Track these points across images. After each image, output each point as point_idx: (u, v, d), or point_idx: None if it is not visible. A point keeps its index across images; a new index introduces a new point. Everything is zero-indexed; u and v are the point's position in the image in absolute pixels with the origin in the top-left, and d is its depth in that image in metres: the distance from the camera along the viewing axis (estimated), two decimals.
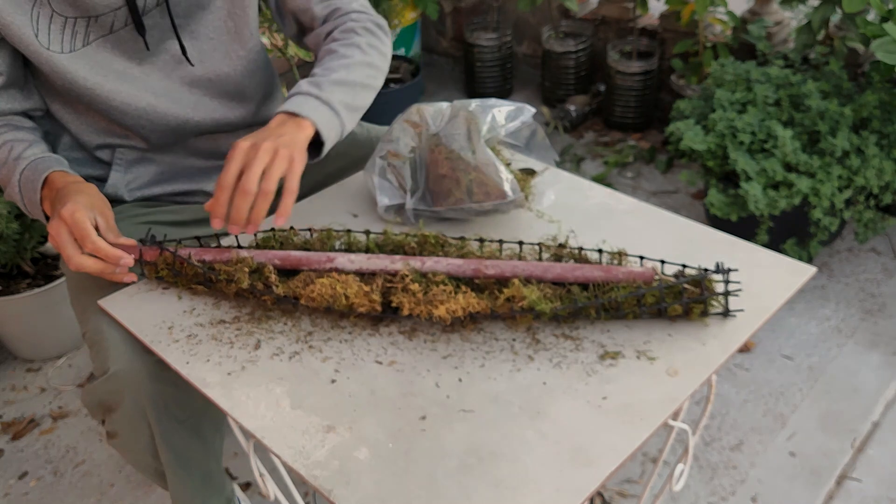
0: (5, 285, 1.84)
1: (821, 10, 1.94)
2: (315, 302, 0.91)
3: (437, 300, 0.87)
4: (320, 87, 1.03)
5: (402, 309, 0.88)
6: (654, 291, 0.86)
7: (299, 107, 1.00)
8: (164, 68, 1.11)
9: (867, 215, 1.86)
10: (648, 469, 1.57)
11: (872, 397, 1.68)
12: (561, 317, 0.88)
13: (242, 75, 1.17)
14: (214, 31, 1.12)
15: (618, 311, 0.87)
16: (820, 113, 1.84)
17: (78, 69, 1.05)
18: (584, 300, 0.87)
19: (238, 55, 1.15)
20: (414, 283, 0.89)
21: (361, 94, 1.08)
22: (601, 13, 2.78)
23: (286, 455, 0.76)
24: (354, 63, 1.08)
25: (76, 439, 1.74)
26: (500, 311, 0.88)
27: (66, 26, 1.02)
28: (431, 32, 3.32)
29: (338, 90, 1.04)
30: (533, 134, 1.10)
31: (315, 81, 1.04)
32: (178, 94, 1.13)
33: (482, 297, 0.89)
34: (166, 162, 1.19)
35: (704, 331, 0.87)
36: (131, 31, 1.06)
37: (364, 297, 0.89)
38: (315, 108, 1.01)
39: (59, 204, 0.96)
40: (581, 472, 0.72)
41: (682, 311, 0.87)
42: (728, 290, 0.86)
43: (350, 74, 1.07)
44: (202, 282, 0.97)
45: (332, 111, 1.02)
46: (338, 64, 1.07)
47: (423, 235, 0.97)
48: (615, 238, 1.02)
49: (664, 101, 2.71)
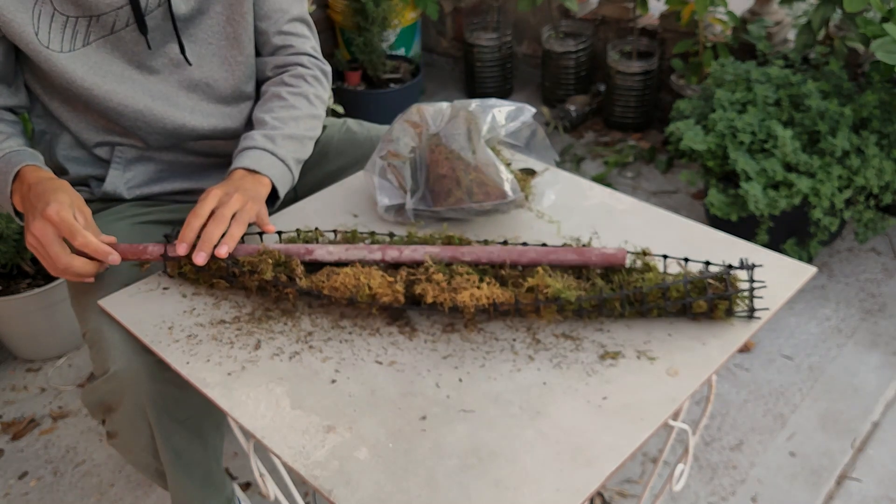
0: (5, 285, 1.84)
1: (821, 10, 1.94)
2: (338, 293, 0.91)
3: (462, 287, 0.87)
4: (274, 142, 1.10)
5: (426, 297, 0.88)
6: (678, 285, 0.85)
7: (257, 163, 1.07)
8: (162, 71, 1.11)
9: (867, 215, 1.86)
10: (648, 469, 1.57)
11: (872, 397, 1.68)
12: (585, 310, 0.88)
13: (239, 80, 1.18)
14: (213, 37, 1.13)
15: (643, 304, 0.86)
16: (820, 113, 1.84)
17: (76, 69, 1.05)
18: (609, 292, 0.87)
19: (236, 60, 1.16)
20: (438, 272, 0.89)
21: (307, 146, 1.17)
22: (601, 13, 2.78)
23: (286, 455, 0.76)
24: (302, 116, 1.15)
25: (76, 439, 1.74)
26: (523, 301, 0.87)
27: (67, 25, 1.02)
28: (431, 32, 3.32)
29: (289, 145, 1.12)
30: (533, 134, 1.10)
31: (269, 136, 1.10)
32: (175, 97, 1.13)
33: (506, 288, 0.89)
34: (165, 161, 1.20)
35: (704, 331, 0.87)
36: (132, 31, 1.07)
37: (388, 288, 0.89)
38: (271, 164, 1.08)
39: (40, 202, 0.95)
40: (581, 472, 0.72)
41: (707, 307, 0.85)
42: (753, 287, 0.86)
43: (298, 128, 1.14)
44: (224, 276, 0.97)
45: (285, 167, 1.10)
46: (288, 115, 1.14)
47: (447, 237, 0.97)
48: (615, 238, 1.02)
49: (664, 101, 2.71)
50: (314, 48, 1.25)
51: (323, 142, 1.33)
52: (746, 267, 0.86)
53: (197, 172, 1.22)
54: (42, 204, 0.95)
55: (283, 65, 1.21)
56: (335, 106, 2.11)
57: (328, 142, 1.33)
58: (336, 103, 2.13)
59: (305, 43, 1.23)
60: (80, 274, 0.97)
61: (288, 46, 1.21)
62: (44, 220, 0.94)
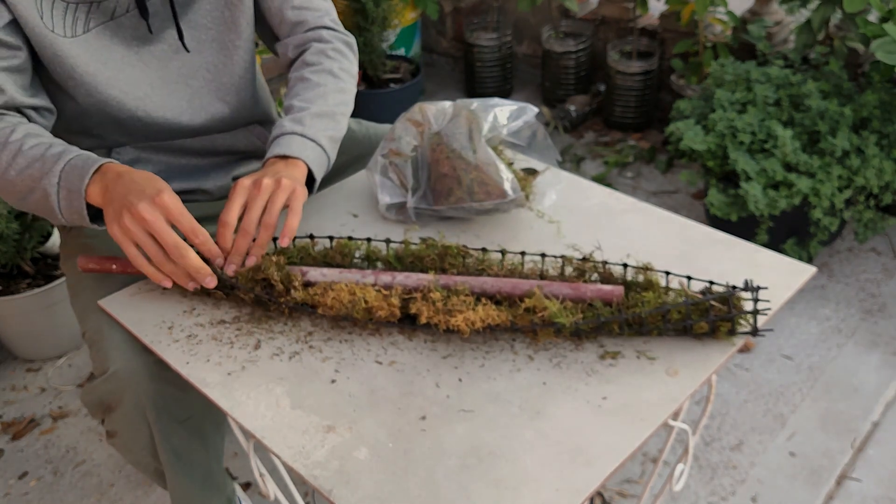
0: (5, 285, 1.84)
1: (821, 10, 1.94)
2: (332, 310, 0.89)
3: (457, 310, 0.85)
4: (303, 124, 1.06)
5: (421, 317, 0.87)
6: (679, 308, 0.83)
7: (288, 148, 1.03)
8: (161, 58, 1.11)
9: (867, 215, 1.86)
10: (648, 469, 1.57)
11: (872, 397, 1.68)
12: (583, 331, 0.86)
13: (238, 66, 1.16)
14: (212, 21, 1.12)
15: (641, 326, 0.85)
16: (820, 113, 1.84)
17: (79, 54, 1.04)
18: (608, 314, 0.85)
19: (234, 45, 1.15)
20: (435, 290, 0.88)
21: (341, 123, 1.12)
22: (601, 13, 2.78)
23: (286, 455, 0.76)
24: (329, 91, 1.11)
25: (76, 439, 1.74)
26: (519, 323, 0.86)
27: (68, 12, 1.02)
28: (431, 32, 3.32)
29: (319, 123, 1.07)
30: (534, 134, 1.10)
31: (297, 118, 1.06)
32: (174, 85, 1.13)
33: (502, 309, 0.87)
34: (163, 161, 1.19)
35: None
36: (132, 17, 1.06)
37: (383, 301, 0.88)
38: (303, 146, 1.04)
39: (149, 187, 0.90)
40: (581, 472, 0.72)
41: (709, 329, 0.84)
42: (757, 308, 0.83)
43: (327, 104, 1.09)
44: (220, 287, 0.95)
45: (318, 147, 1.06)
46: (314, 94, 1.10)
47: (443, 246, 0.94)
48: (615, 238, 1.02)
49: (664, 101, 2.71)
50: (333, 20, 1.20)
51: None
52: (751, 289, 0.84)
53: (196, 173, 1.22)
54: (151, 190, 0.89)
55: (301, 43, 1.17)
56: None
57: None
58: None
59: (321, 16, 1.19)
60: (195, 268, 0.90)
61: (302, 23, 1.17)
62: (155, 205, 0.88)
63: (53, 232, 1.92)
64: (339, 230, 1.08)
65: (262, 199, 0.94)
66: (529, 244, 1.02)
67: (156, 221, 0.88)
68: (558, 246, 1.02)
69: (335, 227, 1.09)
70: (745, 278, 0.86)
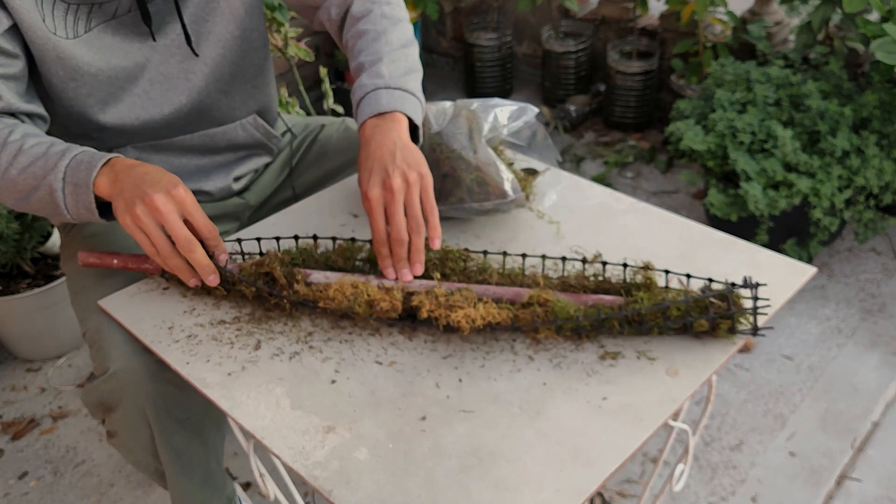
0: (5, 285, 1.84)
1: (821, 10, 1.94)
2: (334, 304, 0.89)
3: (458, 305, 0.85)
4: (382, 77, 1.01)
5: (422, 310, 0.87)
6: (679, 305, 0.83)
7: (378, 104, 0.99)
8: (164, 52, 1.11)
9: (867, 215, 1.86)
10: (648, 469, 1.57)
11: (872, 397, 1.68)
12: (583, 330, 0.86)
13: (237, 55, 1.16)
14: (210, 14, 1.12)
15: (642, 324, 0.85)
16: (820, 113, 1.84)
17: (83, 54, 1.04)
18: (608, 311, 0.85)
19: (233, 35, 1.14)
20: (439, 288, 0.88)
21: (412, 54, 1.07)
22: (601, 13, 2.78)
23: (286, 455, 0.76)
24: (391, 33, 1.07)
25: (76, 439, 1.74)
26: (521, 318, 0.86)
27: (69, 12, 1.02)
28: (431, 32, 3.31)
29: (396, 69, 1.03)
30: (534, 134, 1.10)
31: (374, 72, 1.02)
32: (175, 79, 1.12)
33: (503, 307, 0.87)
34: (163, 162, 1.19)
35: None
36: (133, 17, 1.06)
37: (385, 294, 0.88)
38: (390, 98, 0.99)
39: (164, 178, 0.90)
40: (581, 473, 0.72)
41: (709, 326, 0.84)
42: (756, 306, 0.83)
43: (392, 46, 1.05)
44: (222, 283, 0.95)
45: (406, 93, 1.01)
46: (377, 46, 1.05)
47: (444, 250, 0.95)
48: (615, 238, 1.02)
49: (664, 101, 2.71)
50: None
51: (322, 141, 1.33)
52: (750, 286, 0.84)
53: (197, 174, 1.22)
54: (167, 182, 0.89)
55: (342, 1, 1.14)
56: (335, 106, 2.11)
57: (327, 141, 1.33)
58: (336, 103, 2.13)
59: None
60: (202, 265, 0.91)
61: None
62: (170, 197, 0.88)
63: (53, 232, 1.92)
64: (340, 230, 1.08)
65: (399, 203, 0.91)
66: (530, 244, 1.02)
67: (170, 214, 0.88)
68: (558, 246, 1.02)
69: (335, 228, 1.09)
70: (744, 276, 0.86)
